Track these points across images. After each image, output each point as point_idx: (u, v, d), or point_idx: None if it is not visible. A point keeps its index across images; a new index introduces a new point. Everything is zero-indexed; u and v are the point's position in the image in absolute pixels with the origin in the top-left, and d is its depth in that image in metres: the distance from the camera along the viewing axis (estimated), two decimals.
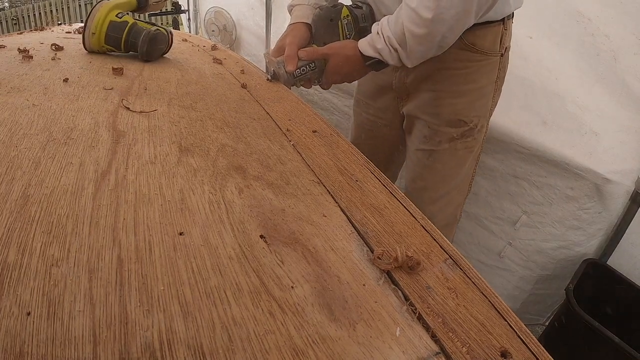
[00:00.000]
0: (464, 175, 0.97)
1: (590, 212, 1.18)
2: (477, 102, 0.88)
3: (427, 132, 0.91)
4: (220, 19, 2.56)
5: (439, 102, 0.88)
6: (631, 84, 1.06)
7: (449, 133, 0.89)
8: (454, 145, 0.90)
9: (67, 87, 0.73)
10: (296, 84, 0.89)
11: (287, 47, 0.85)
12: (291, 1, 0.95)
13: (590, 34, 1.09)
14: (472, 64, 0.84)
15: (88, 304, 0.29)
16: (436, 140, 0.91)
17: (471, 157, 0.95)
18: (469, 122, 0.88)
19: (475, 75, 0.85)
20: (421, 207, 0.95)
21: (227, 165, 0.52)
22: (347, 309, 0.32)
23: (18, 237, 0.34)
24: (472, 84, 0.86)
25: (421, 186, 0.97)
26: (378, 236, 0.42)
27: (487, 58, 0.84)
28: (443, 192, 0.96)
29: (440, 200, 0.97)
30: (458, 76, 0.85)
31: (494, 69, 0.87)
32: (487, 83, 0.87)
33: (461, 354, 0.29)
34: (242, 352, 0.27)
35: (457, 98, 0.86)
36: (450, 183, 0.96)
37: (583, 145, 1.11)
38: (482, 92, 0.88)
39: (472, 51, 0.82)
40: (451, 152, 0.91)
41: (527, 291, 1.37)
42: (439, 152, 0.92)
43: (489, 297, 0.35)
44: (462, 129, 0.89)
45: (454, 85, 0.86)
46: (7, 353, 0.25)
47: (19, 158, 0.46)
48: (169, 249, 0.36)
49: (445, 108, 0.87)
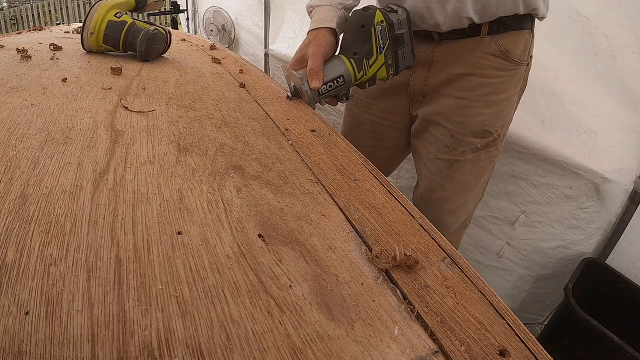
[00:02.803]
0: (482, 185, 0.94)
1: (589, 211, 1.18)
2: (503, 112, 0.84)
3: (449, 142, 0.85)
4: (218, 19, 2.56)
5: (466, 110, 0.82)
6: (630, 83, 1.06)
7: (474, 143, 0.84)
8: (478, 155, 0.86)
9: (66, 86, 0.73)
10: (321, 101, 0.78)
11: (311, 58, 0.72)
12: (311, 0, 0.83)
13: (588, 34, 1.09)
14: (504, 74, 0.80)
15: (86, 303, 0.29)
16: (459, 150, 0.85)
17: (491, 167, 0.92)
18: (494, 132, 0.84)
19: (506, 85, 0.81)
20: (439, 217, 0.94)
21: (225, 164, 0.52)
22: (345, 308, 0.32)
23: (16, 236, 0.34)
24: (502, 94, 0.82)
25: (441, 197, 0.92)
26: (376, 235, 0.42)
27: (517, 67, 0.81)
28: (462, 202, 0.92)
29: (458, 210, 0.93)
30: (489, 85, 0.80)
31: (520, 79, 0.84)
32: (514, 93, 0.84)
33: (459, 353, 0.29)
34: (240, 350, 0.27)
35: (487, 108, 0.82)
36: (470, 193, 0.92)
37: (581, 145, 1.11)
38: (509, 102, 0.84)
39: (506, 60, 0.79)
40: (474, 162, 0.86)
41: (526, 290, 1.37)
42: (460, 163, 0.86)
43: (487, 295, 0.35)
44: (487, 140, 0.84)
45: (484, 95, 0.81)
46: (6, 352, 0.25)
47: (18, 158, 0.46)
48: (167, 248, 0.36)
49: (474, 118, 0.82)
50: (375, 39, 0.75)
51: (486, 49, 0.78)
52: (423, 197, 0.96)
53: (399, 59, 0.78)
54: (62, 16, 7.92)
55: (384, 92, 0.94)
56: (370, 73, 0.77)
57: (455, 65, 0.81)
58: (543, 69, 1.16)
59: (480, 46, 0.78)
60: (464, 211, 0.95)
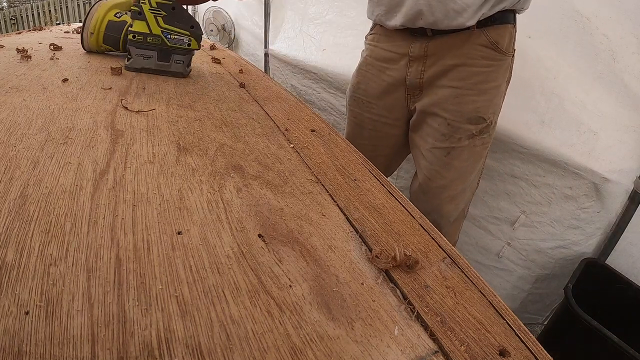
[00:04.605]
0: (478, 171, 0.99)
1: (589, 212, 1.18)
2: (494, 99, 0.90)
3: (445, 130, 0.91)
4: (218, 19, 2.56)
5: (461, 99, 0.88)
6: (630, 83, 1.06)
7: (469, 130, 0.89)
8: (473, 142, 0.91)
9: (66, 86, 0.73)
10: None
11: None
12: None
13: (588, 34, 1.09)
14: (494, 63, 0.86)
15: (86, 303, 0.29)
16: (456, 137, 0.91)
17: (485, 153, 0.97)
18: (487, 118, 0.89)
19: (495, 74, 0.87)
20: (439, 206, 0.97)
21: (225, 164, 0.52)
22: (346, 308, 0.32)
23: (16, 236, 0.34)
24: (492, 82, 0.87)
25: (440, 185, 0.96)
26: (376, 235, 0.42)
27: (504, 58, 0.87)
28: (460, 189, 0.96)
29: (456, 197, 0.97)
30: (481, 74, 0.86)
31: (507, 69, 0.90)
32: (502, 82, 0.90)
33: (459, 353, 0.29)
34: (240, 350, 0.27)
35: (479, 96, 0.87)
36: (467, 180, 0.96)
37: (581, 145, 1.11)
38: (498, 90, 0.90)
39: (495, 50, 0.85)
40: (470, 148, 0.92)
41: (526, 290, 1.37)
42: (457, 150, 0.92)
43: (487, 296, 0.35)
44: (481, 126, 0.90)
45: (477, 83, 0.86)
46: (6, 352, 0.25)
47: (18, 158, 0.46)
48: (167, 248, 0.36)
49: (468, 105, 0.88)
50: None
51: (477, 41, 0.84)
52: (422, 187, 0.99)
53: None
54: (62, 16, 7.92)
55: (384, 91, 0.98)
56: None
57: (448, 58, 0.86)
58: (543, 69, 1.16)
59: (471, 38, 0.84)
60: (462, 199, 0.99)
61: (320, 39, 1.84)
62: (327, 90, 1.79)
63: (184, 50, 0.91)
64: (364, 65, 1.01)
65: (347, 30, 1.74)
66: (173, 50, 0.91)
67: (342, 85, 1.66)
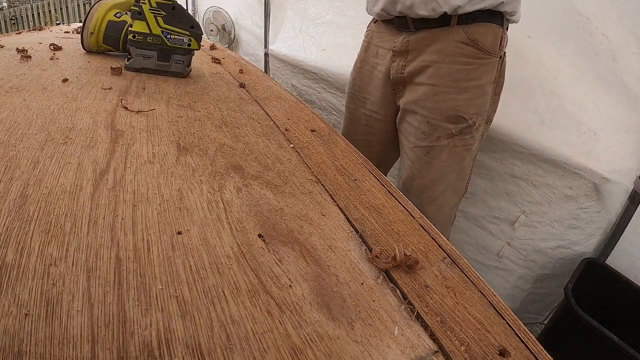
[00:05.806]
0: (460, 174, 0.97)
1: (589, 212, 1.18)
2: (476, 99, 0.88)
3: (425, 128, 0.91)
4: (218, 19, 2.56)
5: (440, 97, 0.87)
6: (630, 83, 1.06)
7: (448, 129, 0.89)
8: (453, 141, 0.91)
9: (66, 86, 0.73)
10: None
11: None
12: None
13: (588, 34, 1.09)
14: (476, 61, 0.85)
15: (86, 303, 0.29)
16: (435, 136, 0.91)
17: (469, 156, 0.95)
18: (468, 119, 0.89)
19: (476, 73, 0.86)
20: (420, 207, 0.96)
21: (225, 164, 0.52)
22: (345, 308, 0.32)
23: (16, 236, 0.34)
24: (473, 81, 0.86)
25: (420, 184, 0.96)
26: (376, 235, 0.42)
27: (488, 57, 0.86)
28: (440, 190, 0.96)
29: (437, 199, 0.97)
30: (460, 72, 0.85)
31: (493, 70, 0.88)
32: (487, 82, 0.89)
33: (459, 353, 0.29)
34: (240, 350, 0.27)
35: (459, 94, 0.87)
36: (447, 180, 0.96)
37: (581, 145, 1.11)
38: (482, 90, 0.88)
39: (475, 47, 0.84)
40: (449, 148, 0.91)
41: (526, 290, 1.37)
42: (437, 149, 0.92)
43: (487, 296, 0.35)
44: (461, 125, 0.89)
45: (456, 81, 0.86)
46: (6, 352, 0.25)
47: (18, 158, 0.46)
48: (167, 248, 0.36)
49: (446, 103, 0.87)
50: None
51: (455, 37, 0.84)
52: (405, 185, 1.00)
53: None
54: (62, 16, 7.91)
55: (375, 86, 1.00)
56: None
57: (427, 54, 0.86)
58: (543, 68, 1.16)
59: (451, 35, 0.84)
60: (443, 201, 0.98)
61: (320, 39, 1.85)
62: (327, 90, 1.79)
63: (184, 50, 0.91)
64: (359, 61, 1.03)
65: (347, 30, 1.74)
66: (173, 50, 0.91)
67: (342, 85, 1.66)
